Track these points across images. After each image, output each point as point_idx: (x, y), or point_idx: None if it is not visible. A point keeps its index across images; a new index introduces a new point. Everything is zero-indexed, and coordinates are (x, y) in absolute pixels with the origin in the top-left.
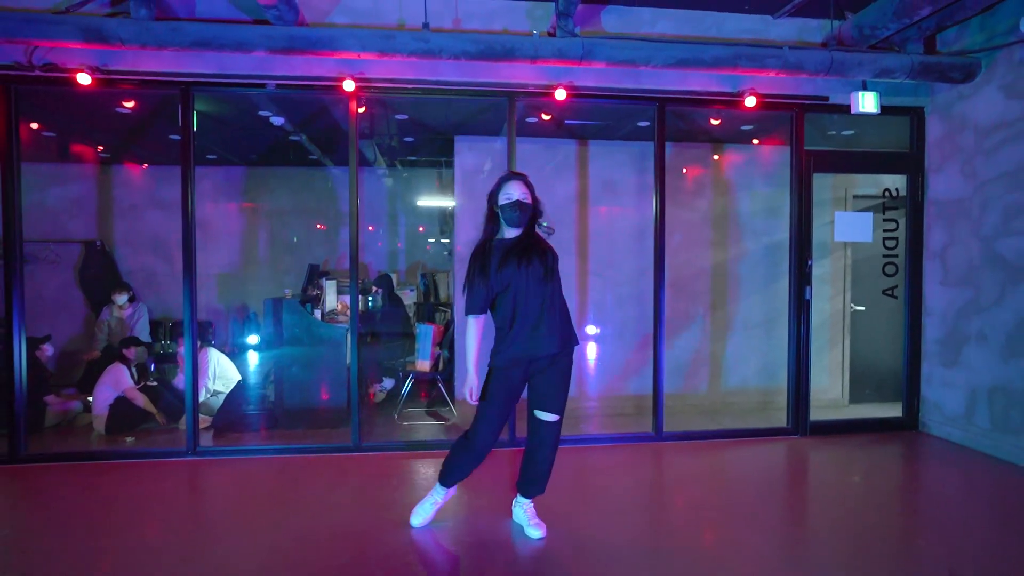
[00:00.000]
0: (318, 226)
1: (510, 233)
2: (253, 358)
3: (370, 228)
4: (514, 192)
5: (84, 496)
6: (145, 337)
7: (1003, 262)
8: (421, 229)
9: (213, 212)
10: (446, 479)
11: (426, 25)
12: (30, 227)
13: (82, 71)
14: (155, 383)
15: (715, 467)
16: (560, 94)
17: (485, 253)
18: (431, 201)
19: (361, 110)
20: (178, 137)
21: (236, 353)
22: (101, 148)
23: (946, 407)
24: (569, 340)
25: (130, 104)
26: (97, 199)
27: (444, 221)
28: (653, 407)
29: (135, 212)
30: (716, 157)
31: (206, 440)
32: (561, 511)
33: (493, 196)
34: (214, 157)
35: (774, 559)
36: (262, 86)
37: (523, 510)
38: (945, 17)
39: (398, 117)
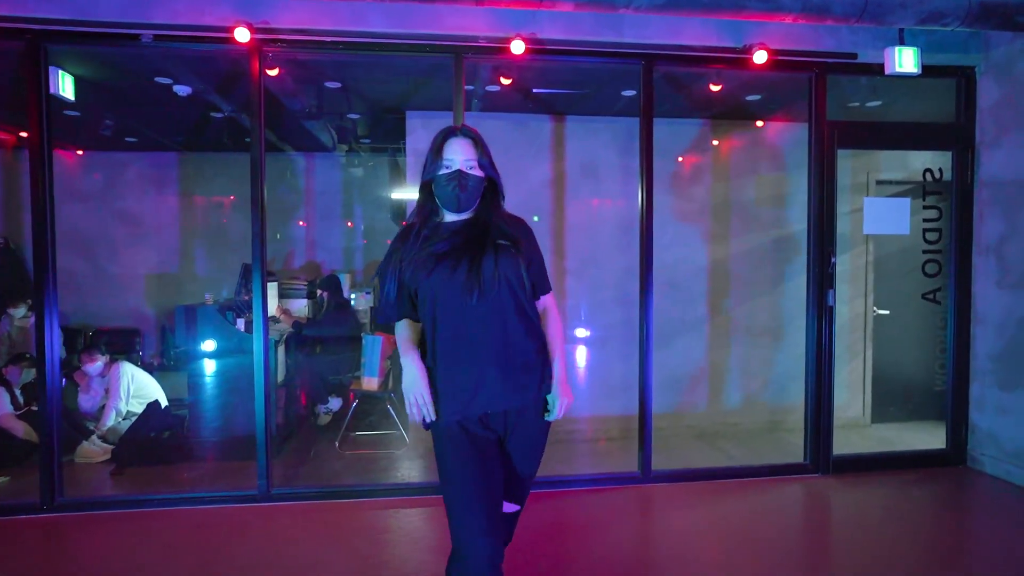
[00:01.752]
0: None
1: (450, 218)
2: (177, 373)
3: (301, 223)
4: (455, 155)
5: None
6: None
7: None
8: (347, 223)
9: (140, 204)
10: None
11: None
12: None
13: None
14: None
15: (714, 522)
16: (517, 46)
17: (404, 238)
18: (398, 193)
19: (273, 72)
20: (75, 114)
21: (165, 367)
22: (23, 133)
23: (1004, 439)
24: (537, 385)
25: None
26: (3, 189)
27: (406, 213)
28: (639, 440)
29: (57, 204)
30: (716, 137)
31: (95, 477)
32: None
33: (426, 164)
34: (135, 140)
35: None
36: (136, 37)
37: None
38: None
39: (329, 85)
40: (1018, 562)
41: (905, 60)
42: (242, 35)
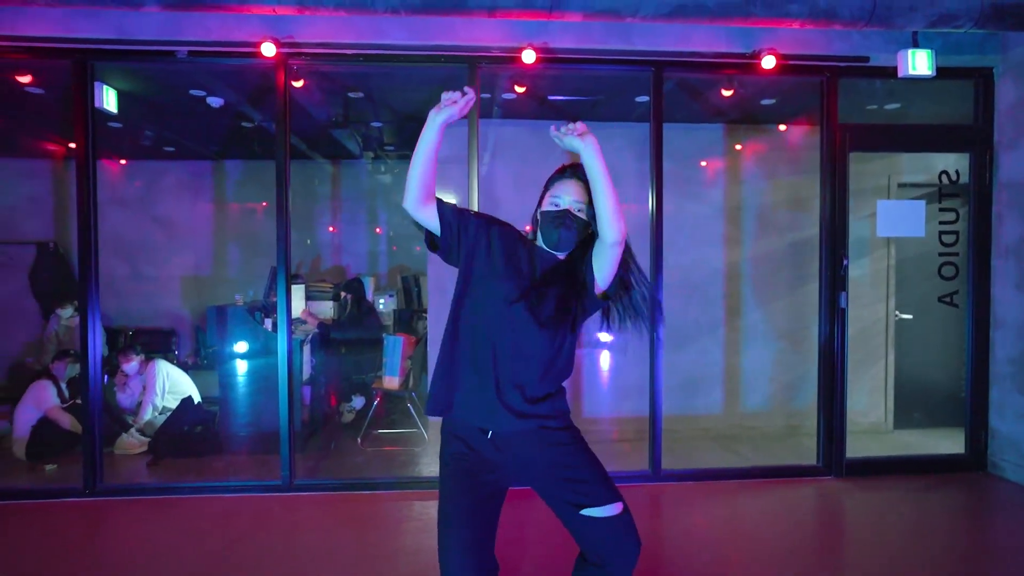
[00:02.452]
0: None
1: (547, 250)
2: (211, 371)
3: (331, 229)
4: (566, 195)
5: None
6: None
7: None
8: (378, 230)
9: (177, 210)
10: None
11: None
12: None
13: None
14: None
15: (722, 522)
16: (528, 56)
17: (516, 236)
18: None
19: (298, 84)
20: (118, 125)
21: (200, 366)
22: (71, 144)
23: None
24: (542, 404)
25: (26, 79)
26: (53, 196)
27: None
28: (650, 439)
29: (100, 211)
30: (732, 140)
31: (133, 467)
32: None
33: (541, 197)
34: (173, 150)
35: None
36: (172, 54)
37: None
38: None
39: (353, 95)
40: None
41: (919, 62)
42: (268, 50)
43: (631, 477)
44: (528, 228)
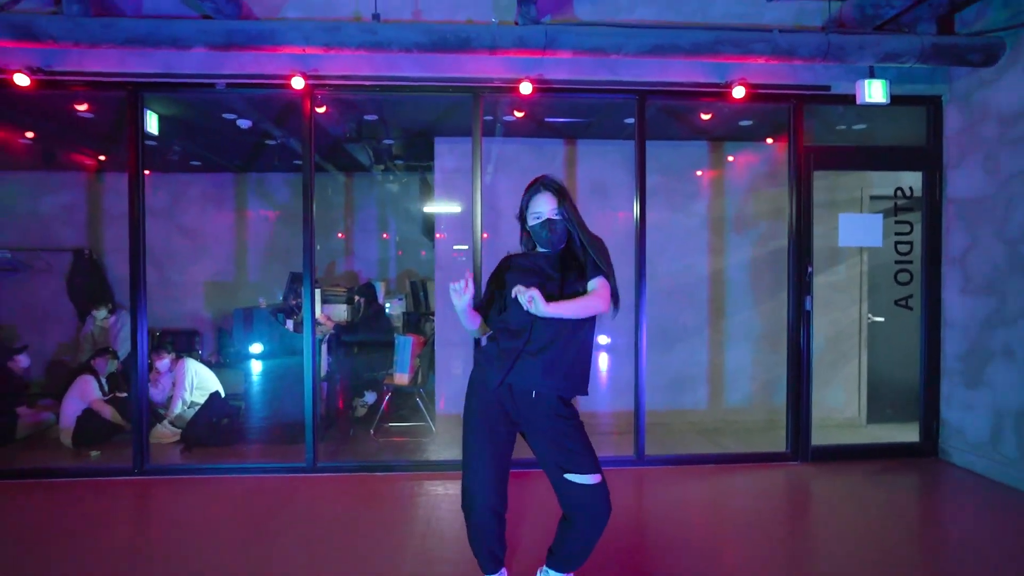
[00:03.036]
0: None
1: (542, 249)
2: (232, 369)
3: (340, 235)
4: (543, 207)
5: (25, 516)
6: (128, 347)
7: None
8: (386, 235)
9: (201, 219)
10: (481, 565)
11: (376, 16)
12: (21, 235)
13: (20, 72)
14: (125, 395)
15: (696, 500)
16: (525, 88)
17: (519, 259)
18: (428, 208)
19: (321, 109)
20: (153, 143)
21: (223, 364)
22: (102, 157)
23: (968, 432)
24: (564, 385)
25: (83, 108)
26: (88, 207)
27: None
28: (635, 428)
29: (125, 220)
30: (716, 156)
31: (167, 454)
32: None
33: (522, 213)
34: (199, 164)
35: None
36: (212, 85)
37: None
38: None
39: (368, 118)
40: (973, 541)
41: (874, 91)
42: (298, 83)
43: (618, 461)
44: (525, 234)
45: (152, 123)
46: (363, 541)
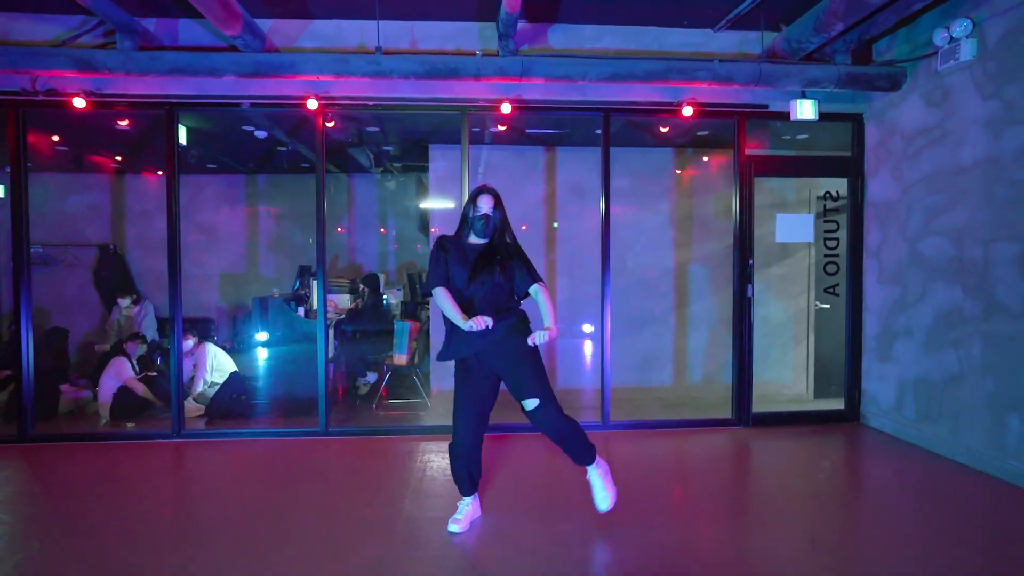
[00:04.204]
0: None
1: (475, 240)
2: (245, 353)
3: (339, 229)
4: (483, 206)
5: (80, 471)
6: (152, 333)
7: (924, 261)
8: (382, 230)
9: (216, 217)
10: (460, 489)
11: (379, 49)
12: (51, 232)
13: (78, 95)
14: (155, 374)
15: (651, 456)
16: (506, 108)
17: (451, 241)
18: (429, 203)
19: (331, 124)
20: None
21: (237, 348)
22: (119, 158)
23: (881, 399)
24: (505, 324)
25: (124, 123)
26: (112, 206)
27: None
28: (600, 397)
29: (147, 217)
30: (679, 161)
31: (195, 425)
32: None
33: (466, 205)
34: (214, 166)
35: (655, 543)
36: (238, 105)
37: (589, 477)
38: (864, 31)
39: (370, 129)
40: (877, 485)
41: (805, 109)
42: (312, 104)
43: (586, 426)
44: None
45: (182, 135)
46: (370, 484)
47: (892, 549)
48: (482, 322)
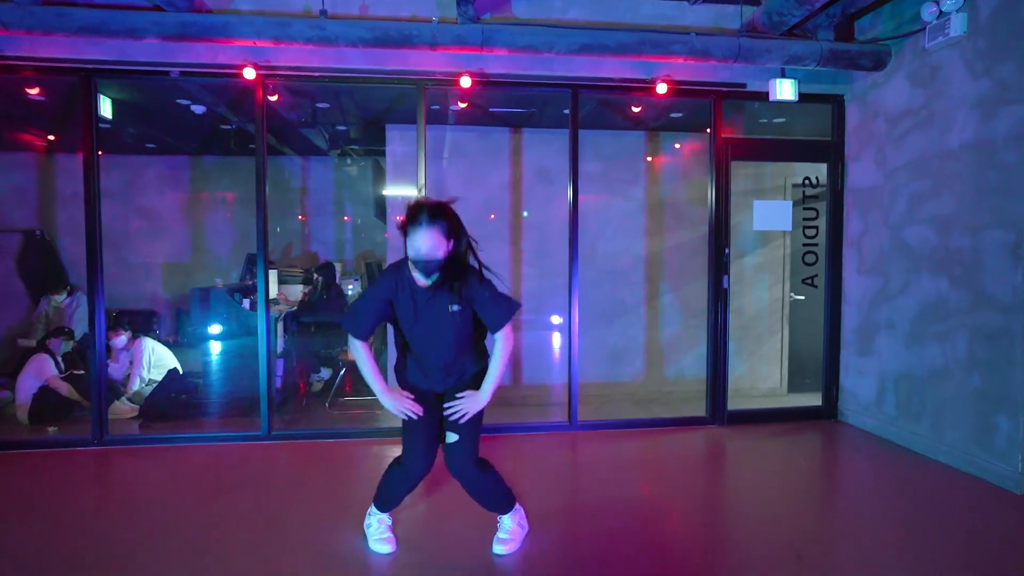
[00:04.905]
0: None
1: (421, 280)
2: (190, 348)
3: (301, 217)
4: (421, 245)
5: None
6: (84, 327)
7: (908, 250)
8: (345, 218)
9: (157, 201)
10: (382, 507)
11: (324, 12)
12: None
13: None
14: (83, 372)
15: (622, 459)
16: (465, 81)
17: (397, 280)
18: (388, 189)
19: (273, 98)
20: (107, 126)
21: (181, 343)
22: (51, 137)
23: (860, 395)
24: (463, 374)
25: (35, 91)
26: (40, 188)
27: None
28: (568, 396)
29: (79, 200)
30: (652, 145)
31: (125, 428)
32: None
33: (403, 230)
34: (154, 146)
35: (638, 544)
36: (165, 73)
37: (500, 518)
38: (848, 4)
39: (321, 105)
40: (856, 485)
41: (784, 89)
42: (249, 73)
43: (553, 427)
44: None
45: (106, 107)
46: (314, 495)
47: (873, 555)
48: (409, 405)
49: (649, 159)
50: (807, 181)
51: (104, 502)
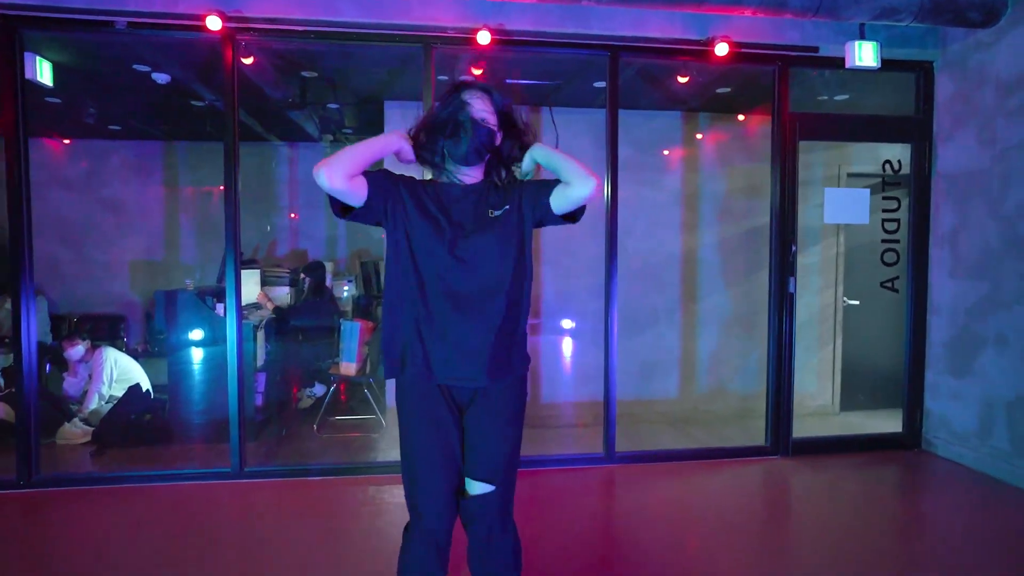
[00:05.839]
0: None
1: (458, 175)
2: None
3: (293, 216)
4: (475, 105)
5: None
6: (43, 335)
7: None
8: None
9: (125, 192)
10: None
11: None
12: None
13: None
14: None
15: (673, 502)
16: (483, 37)
17: (399, 179)
18: None
19: (248, 60)
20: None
21: (151, 353)
22: None
23: (955, 423)
24: (508, 366)
25: None
26: None
27: None
28: (604, 423)
29: (36, 191)
30: (690, 128)
31: (73, 460)
32: None
33: (433, 111)
34: (119, 128)
35: None
36: (110, 24)
37: None
38: None
39: (306, 74)
40: (961, 537)
41: (865, 54)
42: (214, 23)
43: (588, 460)
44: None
45: (44, 72)
46: (289, 563)
47: None
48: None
49: (686, 144)
50: (887, 166)
51: (13, 569)
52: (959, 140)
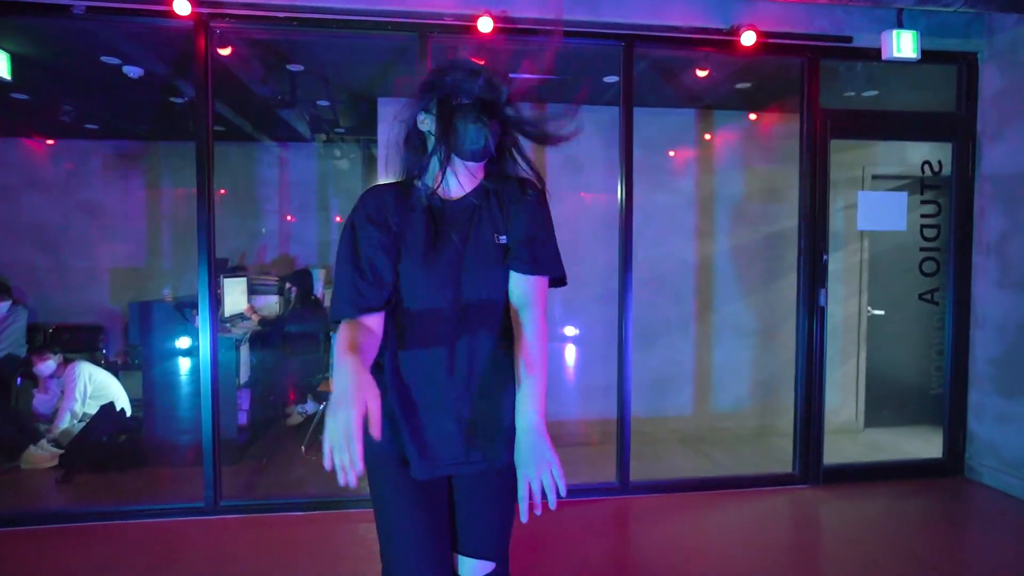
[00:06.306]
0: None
1: (455, 173)
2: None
3: (289, 218)
4: (476, 88)
5: None
6: (19, 346)
7: None
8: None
9: (105, 195)
10: None
11: None
12: None
13: None
14: None
15: (696, 539)
16: (485, 24)
17: (385, 197)
18: (382, 180)
19: (224, 51)
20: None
21: (132, 366)
22: None
23: (1005, 449)
24: (493, 391)
25: None
26: None
27: None
28: (617, 449)
29: (10, 193)
30: (705, 127)
31: (37, 487)
32: None
33: (428, 88)
34: (96, 127)
35: None
36: (67, 9)
37: None
38: None
39: (292, 68)
40: None
41: (904, 44)
42: (182, 7)
43: (600, 490)
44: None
45: (0, 64)
46: None
47: None
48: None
49: (701, 144)
50: (927, 167)
51: None
52: (1009, 138)
